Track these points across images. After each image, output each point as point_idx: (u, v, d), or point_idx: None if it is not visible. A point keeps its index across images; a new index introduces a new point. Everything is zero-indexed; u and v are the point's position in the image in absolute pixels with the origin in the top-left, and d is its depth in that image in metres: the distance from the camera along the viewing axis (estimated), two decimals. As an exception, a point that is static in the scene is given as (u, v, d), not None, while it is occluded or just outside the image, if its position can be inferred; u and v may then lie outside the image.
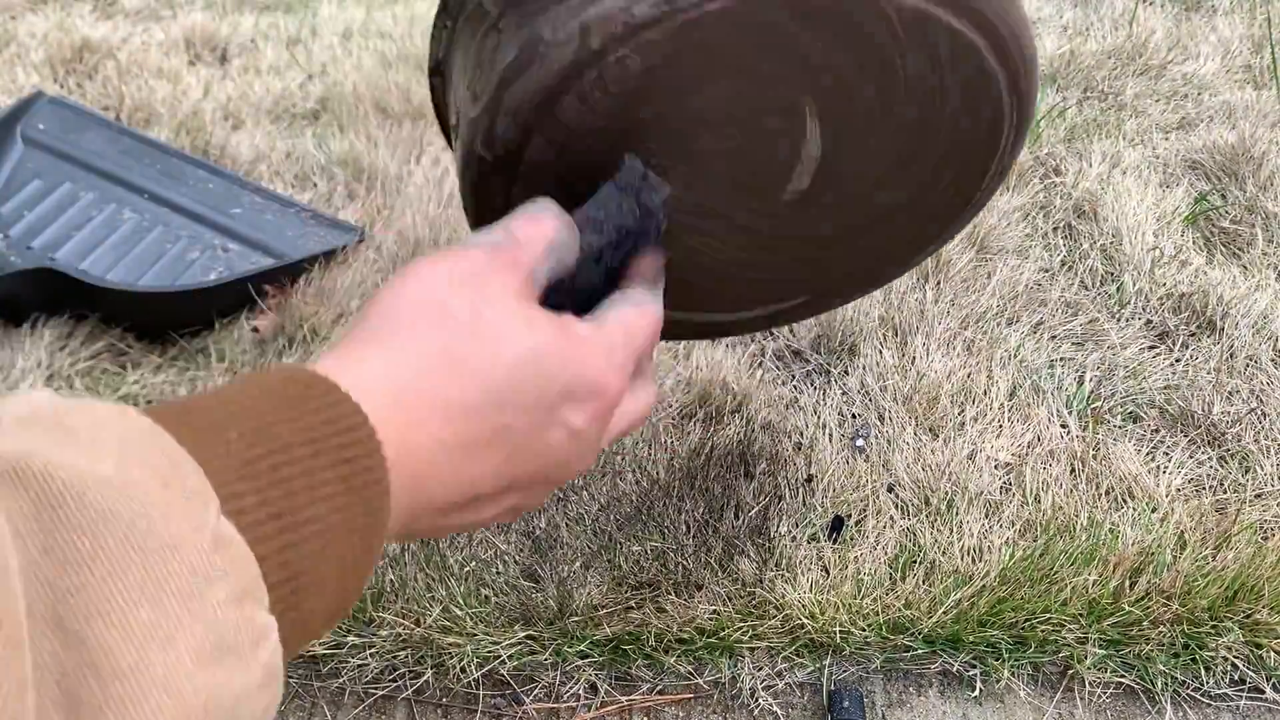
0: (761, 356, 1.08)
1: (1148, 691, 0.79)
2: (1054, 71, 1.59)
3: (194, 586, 0.26)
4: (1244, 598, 0.81)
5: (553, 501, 0.92)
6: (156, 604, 0.25)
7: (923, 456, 0.95)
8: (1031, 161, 1.36)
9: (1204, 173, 1.34)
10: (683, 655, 0.81)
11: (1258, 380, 1.02)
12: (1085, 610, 0.81)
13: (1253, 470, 0.93)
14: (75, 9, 1.95)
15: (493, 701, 0.81)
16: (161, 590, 0.26)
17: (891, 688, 0.80)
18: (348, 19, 1.87)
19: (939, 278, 1.15)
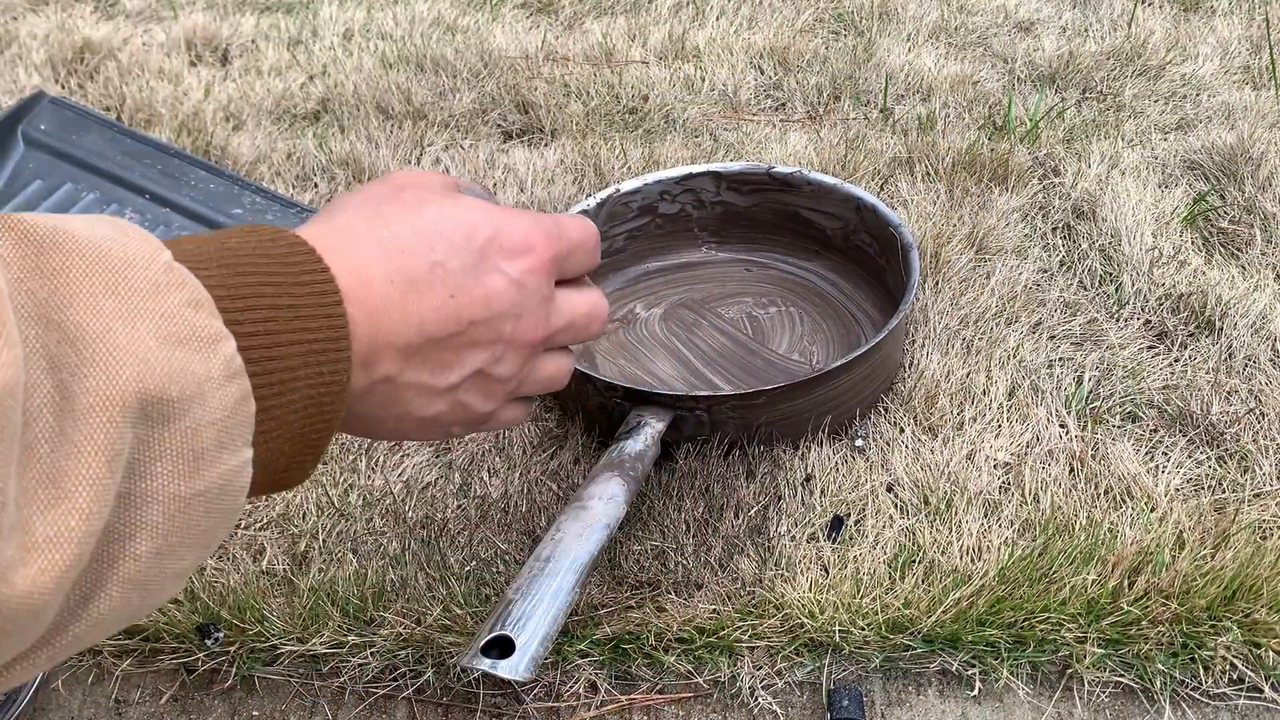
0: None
1: (1146, 691, 0.79)
2: (1053, 72, 1.60)
3: (152, 289, 0.32)
4: (1243, 597, 0.81)
5: (554, 499, 0.92)
6: (121, 298, 0.31)
7: (921, 456, 0.95)
8: (1030, 162, 1.36)
9: (1203, 173, 1.34)
10: (682, 654, 0.81)
11: (1256, 380, 1.02)
12: (1084, 609, 0.81)
13: (1251, 470, 0.93)
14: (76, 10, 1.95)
15: (493, 701, 0.81)
16: (125, 289, 0.31)
17: (891, 687, 0.81)
18: (348, 20, 1.87)
19: (938, 277, 1.15)
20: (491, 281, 0.42)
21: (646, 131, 1.49)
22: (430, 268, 0.40)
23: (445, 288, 0.41)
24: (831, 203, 1.14)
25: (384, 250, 0.39)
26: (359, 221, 0.40)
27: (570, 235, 0.46)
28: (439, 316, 0.41)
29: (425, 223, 0.41)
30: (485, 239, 0.42)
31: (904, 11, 1.79)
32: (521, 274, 0.43)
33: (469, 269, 0.41)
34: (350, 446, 1.00)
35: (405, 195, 0.42)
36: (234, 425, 0.34)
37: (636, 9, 1.85)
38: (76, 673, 0.85)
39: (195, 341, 0.32)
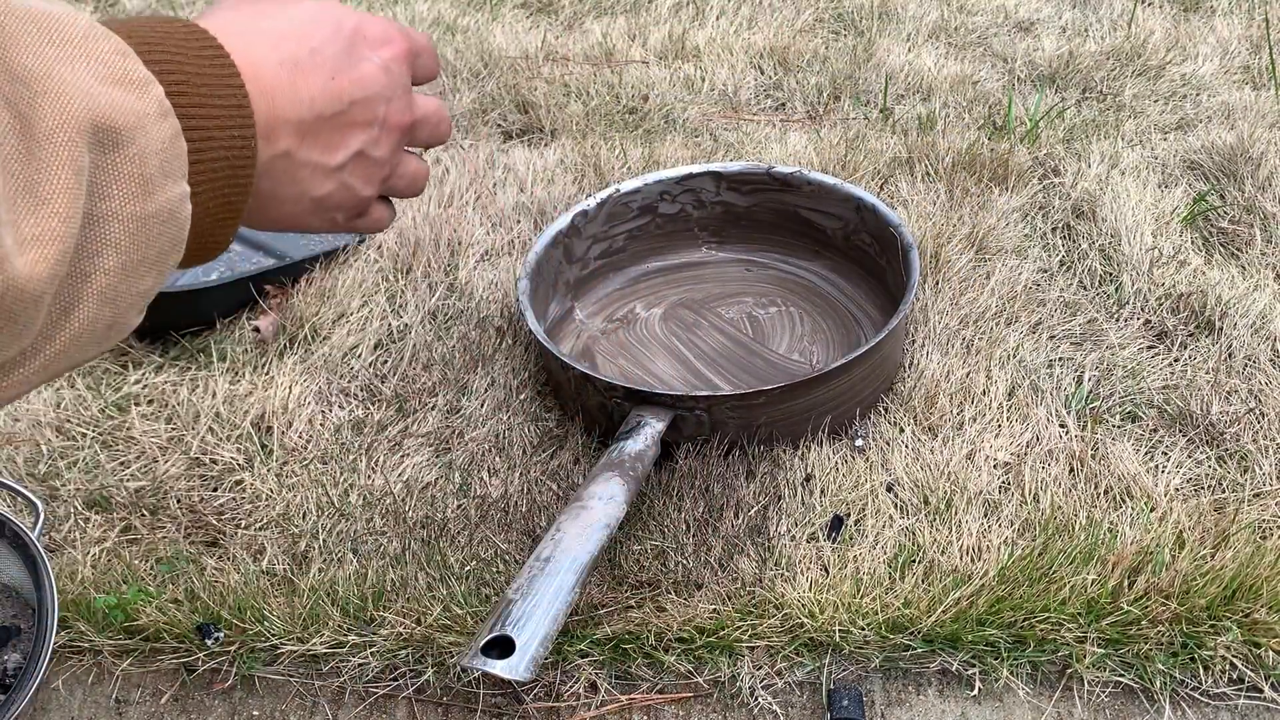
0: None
1: (1146, 690, 0.79)
2: (1053, 72, 1.60)
3: (83, 38, 0.36)
4: (1242, 597, 0.81)
5: (554, 499, 0.92)
6: (58, 45, 0.35)
7: (921, 456, 0.95)
8: (1030, 162, 1.36)
9: (1202, 173, 1.34)
10: (682, 654, 0.81)
11: (1256, 380, 1.02)
12: (1084, 609, 0.81)
13: (1251, 470, 0.93)
14: (76, 10, 1.95)
15: (493, 700, 0.81)
16: (59, 38, 0.35)
17: (890, 686, 0.81)
18: (348, 20, 1.87)
19: (938, 277, 1.15)
20: (364, 66, 0.48)
21: (646, 131, 1.49)
22: (310, 53, 0.45)
23: (326, 70, 0.46)
24: (831, 203, 1.14)
25: (268, 39, 0.44)
26: (240, 17, 0.45)
27: (417, 38, 0.53)
28: (325, 95, 0.46)
29: (299, 16, 0.46)
30: (352, 29, 0.48)
31: (904, 11, 1.79)
32: (387, 61, 0.49)
33: (343, 54, 0.47)
34: (350, 446, 1.00)
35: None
36: (172, 157, 0.38)
37: (636, 9, 1.85)
38: (77, 673, 0.85)
39: (129, 83, 0.37)
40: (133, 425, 1.03)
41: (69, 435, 1.02)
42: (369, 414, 1.03)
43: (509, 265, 1.22)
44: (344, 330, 1.13)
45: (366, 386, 1.07)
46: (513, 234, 1.27)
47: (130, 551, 0.91)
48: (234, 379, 1.08)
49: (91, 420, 1.04)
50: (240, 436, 1.01)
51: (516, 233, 1.28)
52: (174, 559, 0.90)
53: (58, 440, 1.02)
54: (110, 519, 0.94)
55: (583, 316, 1.16)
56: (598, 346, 1.12)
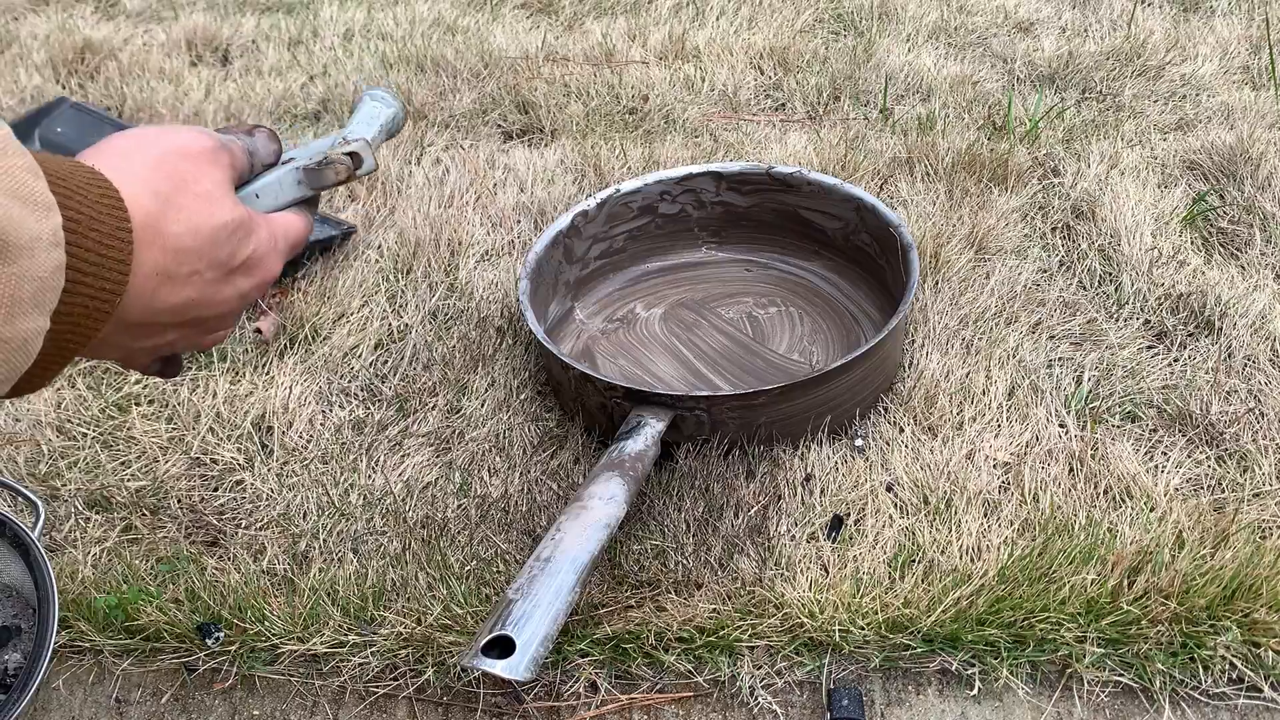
0: (761, 356, 1.08)
1: (1146, 690, 0.79)
2: (1052, 72, 1.60)
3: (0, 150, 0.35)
4: (1242, 597, 0.81)
5: (554, 499, 0.92)
6: None
7: (921, 456, 0.95)
8: (1030, 162, 1.36)
9: (1202, 173, 1.34)
10: (682, 654, 0.81)
11: (1256, 380, 1.02)
12: (1083, 609, 0.81)
13: (1251, 470, 0.93)
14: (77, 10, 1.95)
15: (493, 700, 0.81)
16: None
17: (890, 686, 0.81)
18: (349, 20, 1.87)
19: (937, 277, 1.15)
20: (225, 292, 0.48)
21: (646, 131, 1.49)
22: (190, 274, 0.46)
23: (192, 291, 0.46)
24: (831, 203, 1.14)
25: (164, 248, 0.44)
26: (155, 200, 0.44)
27: (291, 248, 0.53)
28: (172, 313, 0.46)
29: (209, 233, 0.46)
30: (242, 261, 0.48)
31: (904, 12, 1.80)
32: (249, 290, 0.50)
33: (216, 282, 0.47)
34: (351, 446, 1.00)
35: (198, 187, 0.46)
36: (48, 289, 0.37)
37: (636, 9, 1.85)
38: (77, 672, 0.85)
39: (33, 204, 0.36)
40: (133, 425, 1.03)
41: (70, 435, 1.03)
42: (369, 414, 1.03)
43: (509, 265, 1.22)
44: (344, 330, 1.13)
45: (367, 386, 1.07)
46: (513, 234, 1.27)
47: (131, 551, 0.91)
48: (234, 379, 1.08)
49: (92, 420, 1.04)
50: (241, 436, 1.01)
51: (516, 233, 1.28)
52: (174, 559, 0.90)
53: (58, 440, 1.02)
54: (111, 519, 0.94)
55: (583, 316, 1.16)
56: (598, 346, 1.12)
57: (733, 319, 1.14)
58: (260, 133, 0.55)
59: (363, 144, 0.56)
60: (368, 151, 0.56)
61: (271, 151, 0.55)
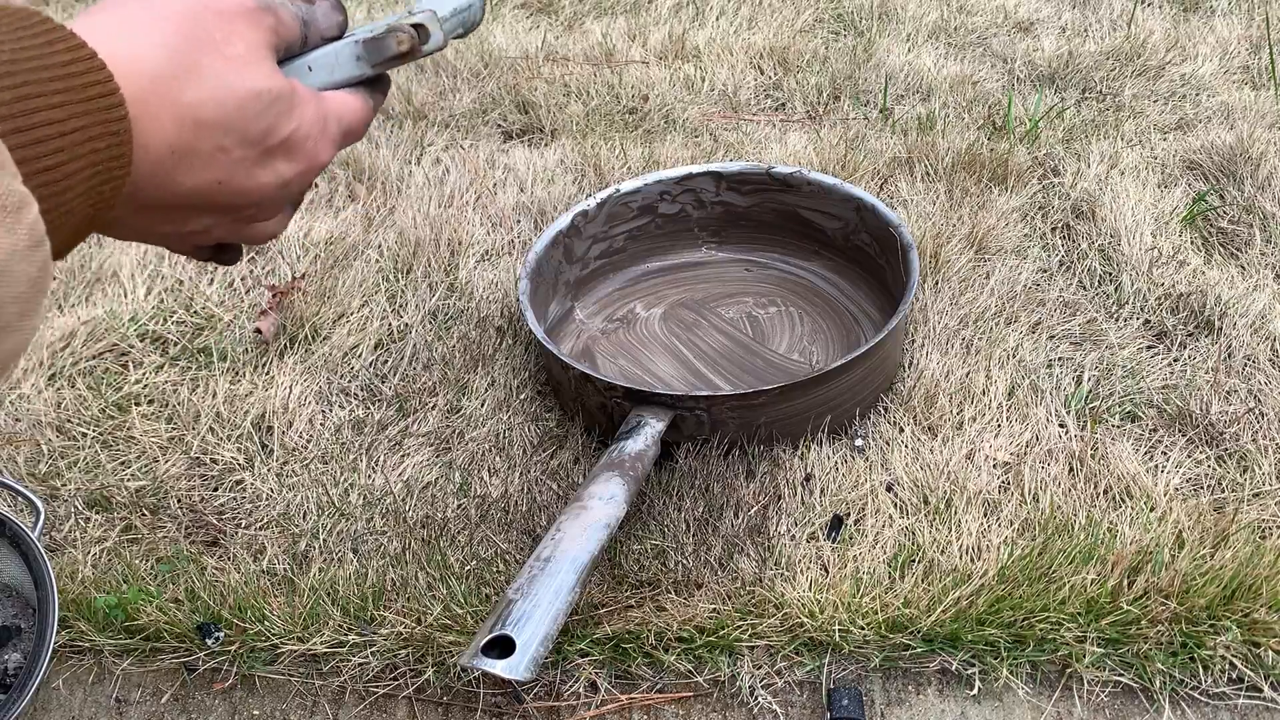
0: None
1: (1146, 690, 0.79)
2: (1052, 72, 1.60)
3: None
4: (1242, 596, 0.81)
5: (554, 499, 0.92)
6: None
7: (921, 456, 0.95)
8: (1030, 162, 1.36)
9: (1202, 173, 1.34)
10: (682, 654, 0.81)
11: (1255, 380, 1.02)
12: (1083, 609, 0.81)
13: (1250, 469, 0.93)
14: (77, 9, 1.95)
15: (493, 700, 0.81)
16: None
17: (890, 686, 0.81)
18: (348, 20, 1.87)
19: (937, 277, 1.15)
20: (262, 177, 0.42)
21: (646, 131, 1.49)
22: (214, 151, 0.39)
23: (218, 172, 0.40)
24: (831, 203, 1.14)
25: (179, 117, 0.38)
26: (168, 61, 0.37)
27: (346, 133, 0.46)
28: (198, 196, 0.40)
29: (236, 102, 0.39)
30: (280, 140, 0.41)
31: (904, 11, 1.80)
32: (292, 177, 0.43)
33: (248, 163, 0.41)
34: (351, 446, 1.00)
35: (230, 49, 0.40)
36: (36, 294, 0.33)
37: (636, 9, 1.85)
38: (77, 672, 0.85)
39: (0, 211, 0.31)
40: (133, 425, 1.03)
41: (69, 435, 1.03)
42: (369, 414, 1.03)
43: (509, 265, 1.22)
44: (344, 330, 1.13)
45: (367, 386, 1.07)
46: (513, 234, 1.27)
47: (130, 551, 0.91)
48: (234, 379, 1.08)
49: (92, 420, 1.04)
50: (241, 436, 1.01)
51: (516, 233, 1.28)
52: (174, 559, 0.90)
53: (58, 440, 1.02)
54: (111, 519, 0.94)
55: (583, 316, 1.16)
56: (598, 346, 1.12)
57: (733, 319, 1.14)
58: (322, 2, 0.47)
59: (429, 15, 0.49)
60: (435, 24, 0.49)
61: (334, 23, 0.48)
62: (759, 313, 1.14)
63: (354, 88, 0.48)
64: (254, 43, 0.41)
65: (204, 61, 0.38)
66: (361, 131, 0.48)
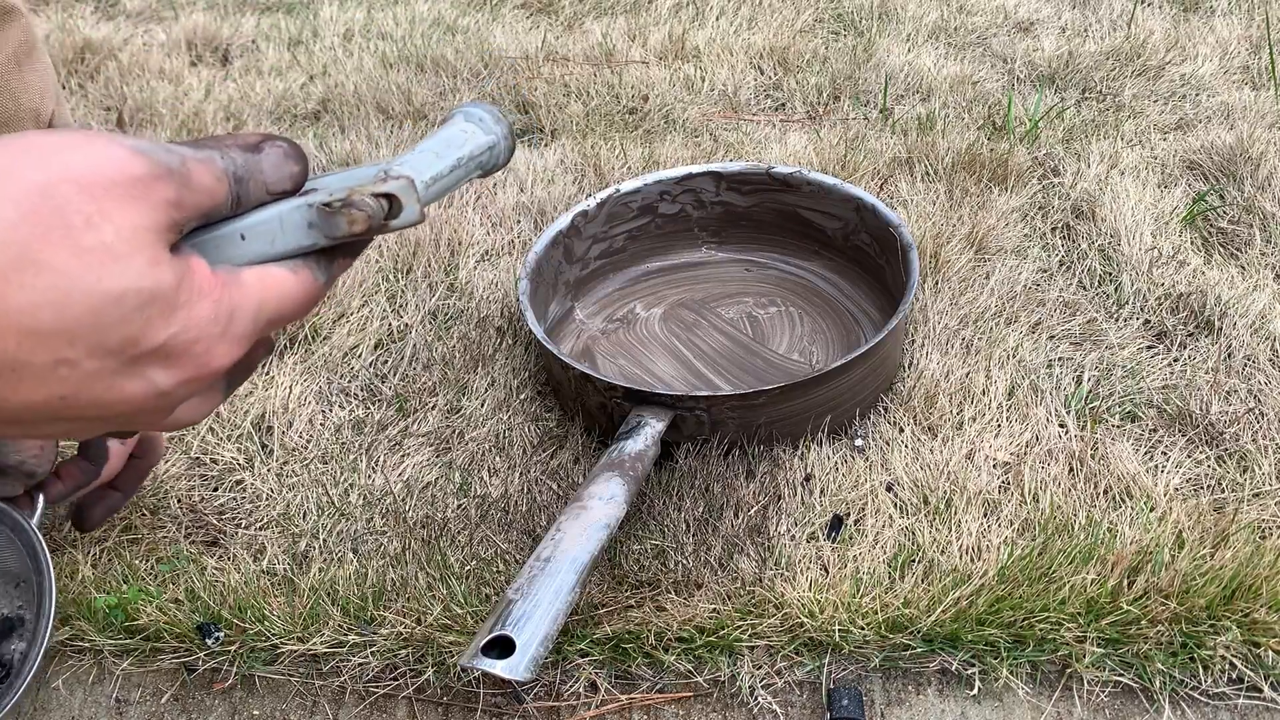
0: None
1: (1146, 690, 0.79)
2: (1052, 72, 1.60)
3: None
4: (1242, 597, 0.81)
5: (554, 499, 0.92)
6: None
7: (921, 456, 0.95)
8: (1030, 162, 1.36)
9: (1202, 173, 1.34)
10: (682, 654, 0.81)
11: (1255, 380, 1.02)
12: (1083, 609, 0.81)
13: (1251, 469, 0.93)
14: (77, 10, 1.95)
15: (493, 700, 0.81)
16: None
17: (890, 686, 0.81)
18: (349, 20, 1.87)
19: (937, 277, 1.15)
20: (128, 387, 0.33)
21: (646, 131, 1.49)
22: (54, 364, 0.31)
23: (62, 388, 0.32)
24: (831, 203, 1.14)
25: (8, 322, 0.30)
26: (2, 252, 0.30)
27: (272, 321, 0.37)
28: (32, 410, 0.32)
29: (82, 306, 0.31)
30: (152, 348, 0.33)
31: (904, 11, 1.80)
32: (174, 387, 0.34)
33: (106, 374, 0.32)
34: (351, 446, 1.00)
35: (91, 237, 0.31)
36: None
37: (636, 9, 1.85)
38: (77, 672, 0.85)
39: None
40: (133, 425, 1.03)
41: (69, 435, 1.02)
42: (369, 414, 1.03)
43: (509, 265, 1.22)
44: (344, 330, 1.13)
45: (367, 386, 1.07)
46: (513, 234, 1.27)
47: (131, 551, 0.91)
48: (234, 379, 1.08)
49: (92, 420, 1.04)
50: (240, 436, 1.01)
51: (516, 233, 1.28)
52: (174, 559, 0.90)
53: (58, 440, 1.02)
54: (110, 519, 0.94)
55: (583, 316, 1.16)
56: (598, 346, 1.12)
57: (733, 319, 1.14)
58: (273, 148, 0.37)
59: (404, 184, 0.38)
60: (410, 195, 0.38)
61: (285, 176, 0.37)
62: (759, 313, 1.14)
63: (295, 259, 0.38)
64: (131, 226, 0.32)
65: (46, 256, 0.30)
66: (296, 313, 0.38)
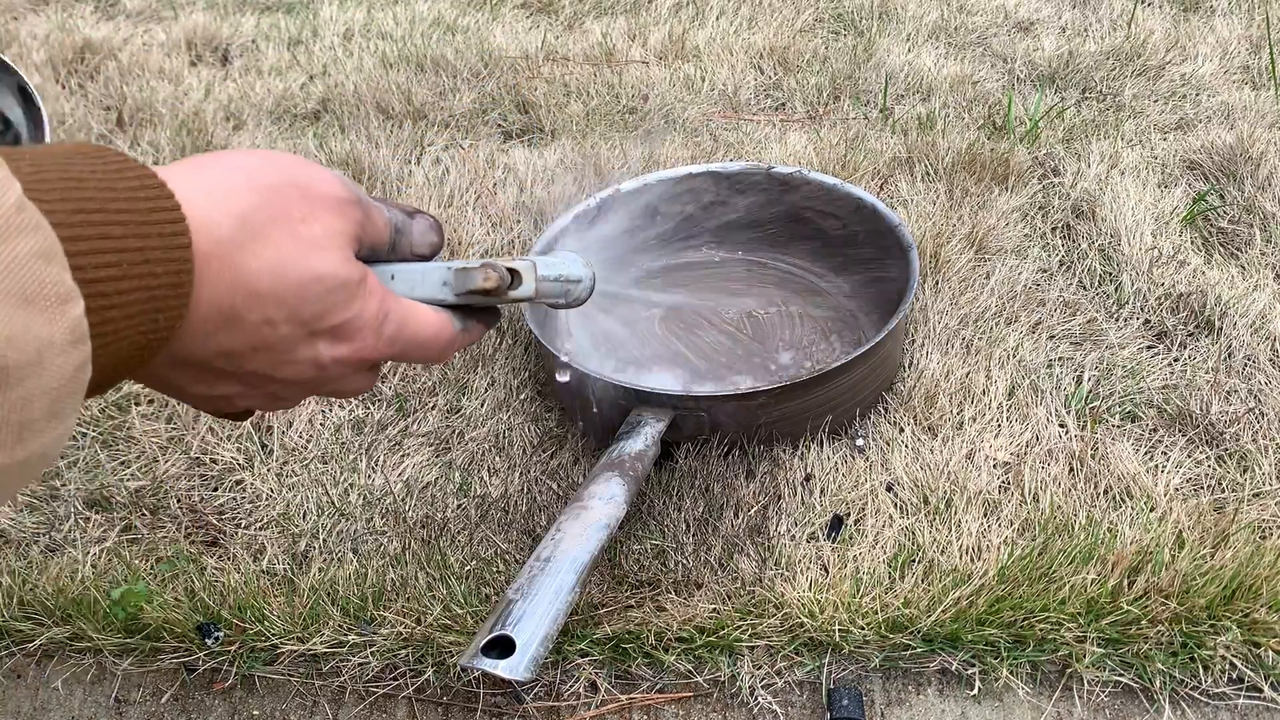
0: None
1: (1146, 690, 0.79)
2: (1052, 72, 1.60)
3: (3, 230, 0.29)
4: (1242, 597, 0.81)
5: (554, 499, 0.92)
6: None
7: (921, 456, 0.95)
8: (1030, 162, 1.36)
9: (1202, 173, 1.34)
10: (682, 654, 0.81)
11: (1256, 380, 1.02)
12: (1084, 609, 0.81)
13: (1251, 469, 0.93)
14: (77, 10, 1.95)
15: (493, 700, 0.81)
16: None
17: (890, 686, 0.81)
18: (349, 20, 1.87)
19: (938, 277, 1.15)
20: (299, 354, 0.41)
21: (646, 131, 1.49)
22: (260, 323, 0.39)
23: (256, 339, 0.39)
24: (831, 203, 1.14)
25: (234, 283, 0.37)
26: (238, 229, 0.37)
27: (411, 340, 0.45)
28: (230, 359, 0.39)
29: (291, 279, 0.39)
30: (330, 326, 0.41)
31: (904, 11, 1.79)
32: (331, 363, 0.42)
33: (290, 340, 0.40)
34: (350, 446, 1.00)
35: (305, 229, 0.40)
36: (68, 394, 0.32)
37: (636, 9, 1.85)
38: (77, 672, 0.85)
39: (43, 300, 0.30)
40: (133, 425, 1.03)
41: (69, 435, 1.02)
42: (369, 414, 1.03)
43: (509, 265, 1.22)
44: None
45: (366, 386, 1.07)
46: (513, 234, 1.27)
47: (131, 551, 0.91)
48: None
49: (91, 420, 1.04)
50: (240, 436, 1.01)
51: (517, 233, 1.28)
52: (174, 559, 0.90)
53: (58, 440, 1.02)
54: (110, 519, 0.94)
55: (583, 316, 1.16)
56: (598, 346, 1.12)
57: (733, 319, 1.13)
58: (422, 219, 0.47)
59: (528, 264, 0.48)
60: (530, 274, 0.48)
61: (428, 243, 0.47)
62: (759, 313, 1.14)
63: (442, 308, 0.47)
64: (333, 230, 0.41)
65: (273, 237, 0.38)
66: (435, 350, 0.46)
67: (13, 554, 0.91)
